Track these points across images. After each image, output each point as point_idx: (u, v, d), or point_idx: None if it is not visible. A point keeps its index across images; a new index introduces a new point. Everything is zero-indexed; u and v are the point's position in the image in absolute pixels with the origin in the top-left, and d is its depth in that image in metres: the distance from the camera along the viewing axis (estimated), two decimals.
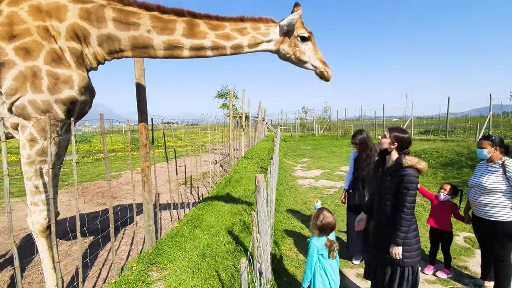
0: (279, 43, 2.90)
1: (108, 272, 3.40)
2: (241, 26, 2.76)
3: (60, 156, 2.62)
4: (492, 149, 2.55)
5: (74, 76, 2.31)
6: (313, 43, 3.02)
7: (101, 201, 6.61)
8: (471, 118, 26.02)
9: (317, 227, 2.17)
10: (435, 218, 3.15)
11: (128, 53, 2.59)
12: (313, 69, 3.07)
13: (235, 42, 2.74)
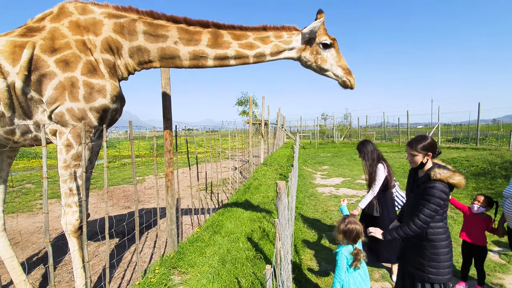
0: (301, 51, 2.89)
1: (132, 274, 3.50)
2: (264, 35, 2.79)
3: (92, 161, 2.77)
4: None
5: (107, 86, 2.46)
6: (336, 50, 2.93)
7: (126, 204, 6.87)
8: (503, 125, 24.38)
9: (340, 231, 2.12)
10: (468, 231, 2.96)
11: (156, 64, 2.72)
12: (335, 78, 2.97)
13: (258, 51, 2.77)
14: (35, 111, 2.44)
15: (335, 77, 2.97)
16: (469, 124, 22.70)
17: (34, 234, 5.04)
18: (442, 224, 2.01)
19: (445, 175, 1.90)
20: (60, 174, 2.38)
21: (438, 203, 1.90)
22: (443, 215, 2.01)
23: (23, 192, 8.23)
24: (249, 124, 9.43)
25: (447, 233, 2.04)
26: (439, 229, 2.01)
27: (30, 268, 3.74)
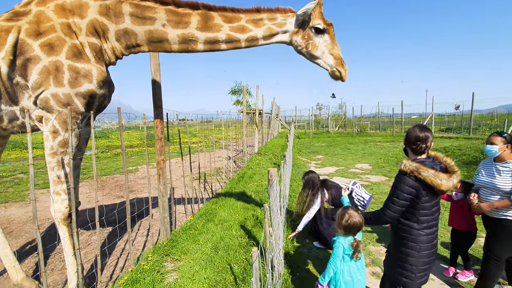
0: (293, 34, 2.73)
1: (125, 262, 3.52)
2: (257, 17, 2.66)
3: (80, 148, 2.72)
4: (504, 146, 2.41)
5: (93, 70, 2.38)
6: (331, 37, 2.71)
7: (118, 194, 6.84)
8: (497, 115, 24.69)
9: (342, 226, 2.05)
10: (454, 218, 3.03)
11: (144, 48, 2.64)
12: (325, 67, 2.77)
13: (250, 34, 2.65)
14: (21, 97, 2.37)
15: (325, 66, 2.78)
16: (463, 114, 22.93)
17: (27, 223, 5.01)
18: (415, 225, 1.87)
19: (410, 168, 1.79)
20: (47, 161, 2.33)
21: (402, 197, 1.82)
22: (417, 215, 1.85)
23: (15, 182, 8.13)
24: (243, 114, 9.37)
25: (421, 236, 1.87)
26: (410, 228, 1.89)
27: (24, 257, 3.73)
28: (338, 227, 2.08)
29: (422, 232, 1.86)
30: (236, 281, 2.82)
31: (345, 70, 2.74)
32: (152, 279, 2.81)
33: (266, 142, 16.19)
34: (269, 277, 1.67)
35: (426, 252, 1.88)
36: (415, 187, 1.78)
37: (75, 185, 2.62)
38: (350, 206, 2.09)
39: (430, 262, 1.92)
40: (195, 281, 2.81)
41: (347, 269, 2.07)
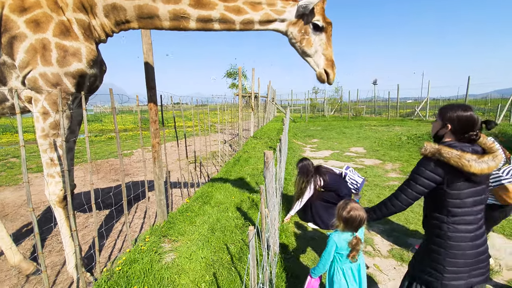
0: (290, 25, 2.58)
1: (122, 243, 3.57)
2: (255, 0, 2.51)
3: (73, 131, 2.67)
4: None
5: (82, 49, 2.29)
6: (327, 36, 2.59)
7: (114, 177, 6.83)
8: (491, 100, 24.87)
9: (342, 218, 1.83)
10: None
11: (134, 24, 2.52)
12: (314, 67, 2.65)
13: (246, 17, 2.50)
14: (9, 77, 2.28)
15: (314, 66, 2.64)
16: (457, 99, 23.04)
17: (22, 207, 5.00)
18: (444, 218, 1.57)
19: (431, 150, 1.53)
20: (39, 143, 2.28)
21: (419, 181, 1.59)
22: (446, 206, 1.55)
23: (8, 166, 8.03)
24: (238, 97, 9.24)
25: (452, 232, 1.55)
26: (439, 221, 1.59)
27: (20, 239, 3.75)
28: (337, 220, 1.88)
29: (453, 227, 1.54)
30: (233, 260, 2.89)
31: (334, 73, 2.63)
32: (150, 259, 2.86)
33: (261, 126, 16.14)
34: (265, 256, 1.70)
35: (460, 252, 1.54)
36: (437, 173, 1.53)
37: (70, 167, 2.59)
38: (351, 199, 1.90)
39: (468, 265, 1.54)
40: (192, 261, 2.87)
41: (340, 275, 1.87)
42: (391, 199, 1.74)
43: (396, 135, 11.43)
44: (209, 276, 2.63)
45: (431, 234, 1.64)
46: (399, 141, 10.27)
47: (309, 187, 3.69)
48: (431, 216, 1.64)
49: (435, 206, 1.62)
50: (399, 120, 19.98)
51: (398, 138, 10.72)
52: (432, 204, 1.63)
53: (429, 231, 1.67)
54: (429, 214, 1.67)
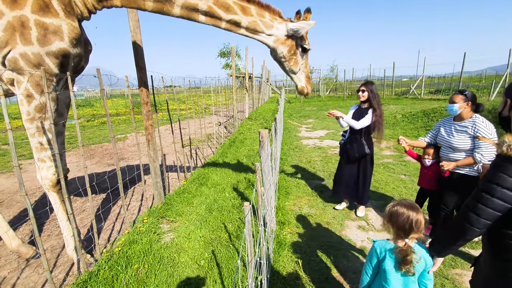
0: (280, 43, 2.67)
1: (121, 225, 3.60)
2: (245, 4, 2.47)
3: (62, 114, 2.59)
4: (464, 104, 2.43)
5: (63, 26, 2.16)
6: (306, 57, 2.93)
7: (109, 162, 6.78)
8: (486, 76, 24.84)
9: (386, 214, 1.45)
10: (425, 179, 2.98)
11: (117, 2, 2.38)
12: (296, 81, 3.00)
13: (233, 17, 2.45)
14: None
15: (297, 81, 2.99)
16: (452, 76, 22.95)
17: (17, 193, 4.97)
18: None
19: None
20: (26, 127, 2.22)
21: (499, 194, 1.13)
22: None
23: (0, 154, 7.90)
24: (232, 78, 9.05)
25: None
26: None
27: (17, 225, 3.75)
28: (386, 225, 1.47)
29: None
30: (231, 238, 2.95)
31: (310, 87, 3.07)
32: (149, 240, 2.90)
33: (256, 107, 15.99)
34: (261, 231, 1.73)
35: None
36: None
37: (61, 151, 2.55)
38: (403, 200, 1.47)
39: None
40: (191, 240, 2.93)
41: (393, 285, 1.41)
42: (458, 222, 1.28)
43: (391, 114, 11.45)
44: (208, 254, 2.69)
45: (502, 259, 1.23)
46: (394, 119, 10.30)
47: (369, 112, 3.20)
48: (505, 235, 1.21)
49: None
50: (394, 99, 19.96)
51: (393, 116, 10.74)
52: (509, 220, 1.18)
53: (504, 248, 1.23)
54: (499, 230, 1.23)
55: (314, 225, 3.29)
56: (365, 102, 3.26)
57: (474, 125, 2.38)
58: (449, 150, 2.60)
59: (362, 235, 3.13)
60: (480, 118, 2.41)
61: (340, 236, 3.08)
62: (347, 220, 3.44)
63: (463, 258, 2.65)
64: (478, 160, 2.37)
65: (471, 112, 2.47)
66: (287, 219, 3.38)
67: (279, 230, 3.06)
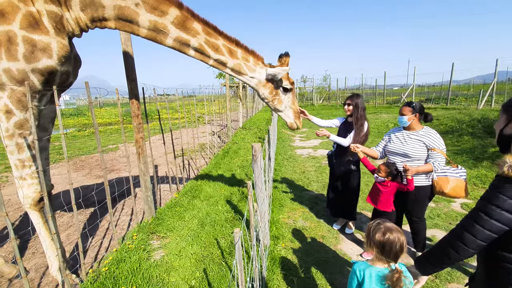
0: (261, 85, 2.83)
1: (110, 242, 3.47)
2: (233, 48, 2.64)
3: (46, 129, 2.51)
4: (412, 115, 2.55)
5: (52, 44, 2.11)
6: (292, 94, 3.00)
7: (99, 173, 6.62)
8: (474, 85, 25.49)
9: (376, 243, 1.37)
10: (378, 198, 2.70)
11: (111, 24, 2.36)
12: (285, 118, 3.07)
13: (221, 57, 2.61)
14: None
15: (285, 118, 3.06)
16: (442, 85, 23.48)
17: None
18: None
19: None
20: (5, 144, 2.12)
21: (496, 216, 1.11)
22: None
23: None
24: (225, 87, 9.05)
25: None
26: None
27: (1, 242, 3.59)
28: (368, 243, 1.42)
29: None
30: (223, 254, 2.85)
31: (300, 122, 3.10)
32: (138, 258, 2.79)
33: (251, 116, 16.01)
34: (254, 253, 1.66)
35: None
36: None
37: (45, 167, 2.45)
38: (385, 219, 1.47)
39: None
40: (182, 257, 2.82)
41: None
42: (451, 242, 1.24)
43: (383, 123, 11.58)
44: (199, 273, 2.59)
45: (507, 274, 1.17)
46: (386, 128, 10.41)
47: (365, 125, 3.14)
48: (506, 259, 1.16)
49: None
50: (386, 107, 20.25)
51: (385, 125, 10.86)
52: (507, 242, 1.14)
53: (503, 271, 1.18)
54: (496, 252, 1.19)
55: (309, 240, 3.22)
56: (351, 116, 3.24)
57: (429, 137, 2.53)
58: (403, 158, 2.65)
59: (357, 249, 3.08)
60: (432, 131, 2.59)
61: (335, 250, 3.01)
62: (342, 234, 3.38)
63: (459, 270, 2.61)
64: (436, 168, 2.49)
65: (419, 123, 2.64)
66: (282, 233, 3.31)
67: (273, 245, 2.98)
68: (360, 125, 3.12)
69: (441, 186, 2.48)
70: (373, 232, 1.39)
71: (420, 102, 2.61)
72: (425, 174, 2.59)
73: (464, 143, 6.93)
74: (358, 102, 3.16)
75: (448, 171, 2.50)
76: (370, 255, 1.57)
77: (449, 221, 3.58)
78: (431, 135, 2.54)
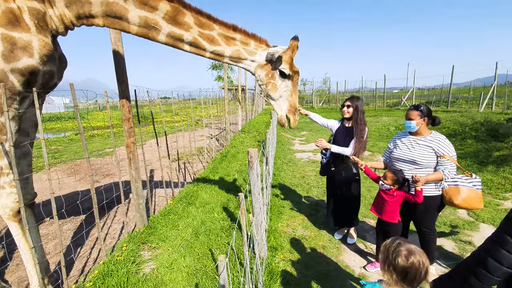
0: (259, 68, 2.62)
1: (99, 252, 3.29)
2: (230, 35, 2.45)
3: (28, 133, 2.35)
4: (420, 120, 2.37)
5: (34, 42, 1.96)
6: (293, 84, 2.67)
7: (94, 178, 6.45)
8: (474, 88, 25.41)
9: (397, 270, 1.19)
10: (383, 208, 2.51)
11: (99, 21, 2.22)
12: (277, 110, 2.75)
13: (217, 48, 2.45)
14: None
15: (277, 109, 2.75)
16: (442, 88, 23.39)
17: None
18: None
19: None
20: None
21: None
22: None
23: None
24: (224, 90, 8.92)
25: None
26: None
27: None
28: (385, 269, 1.24)
29: None
30: (218, 268, 2.67)
31: (295, 119, 2.75)
32: (126, 271, 2.61)
33: (250, 119, 15.86)
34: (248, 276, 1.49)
35: None
36: None
37: (27, 174, 2.29)
38: (402, 238, 1.30)
39: None
40: (173, 270, 2.65)
41: None
42: (474, 268, 1.11)
43: (384, 126, 11.44)
44: None
45: None
46: (387, 131, 10.26)
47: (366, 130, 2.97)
48: None
49: None
50: (386, 110, 20.14)
51: (386, 128, 10.72)
52: None
53: None
54: None
55: (309, 250, 3.05)
56: (350, 119, 3.05)
57: (438, 143, 2.34)
58: (411, 165, 2.44)
59: (360, 260, 2.90)
60: (442, 136, 2.39)
61: (337, 262, 2.84)
62: (344, 244, 3.21)
63: None
64: (446, 176, 2.29)
65: (427, 127, 2.45)
66: (280, 243, 3.13)
67: (271, 257, 2.80)
68: (361, 130, 2.95)
69: (451, 196, 2.30)
70: (393, 255, 1.20)
71: (426, 105, 2.43)
72: (435, 183, 2.40)
73: (467, 147, 6.77)
74: (358, 104, 2.99)
75: (460, 180, 2.31)
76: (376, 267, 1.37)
77: (456, 230, 3.41)
78: (441, 141, 2.36)
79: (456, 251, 2.98)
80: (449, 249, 3.02)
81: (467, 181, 2.30)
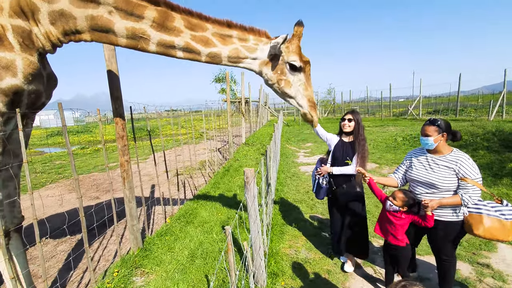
0: (263, 65, 2.41)
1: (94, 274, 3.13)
2: (226, 33, 2.28)
3: (17, 155, 2.26)
4: (438, 136, 2.09)
5: (17, 61, 1.90)
6: (306, 76, 2.47)
7: (95, 194, 6.36)
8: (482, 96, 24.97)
9: None
10: (387, 230, 2.30)
11: (86, 36, 2.16)
12: (298, 108, 2.60)
13: (213, 50, 2.27)
14: None
15: (298, 107, 2.60)
16: (449, 96, 23.03)
17: None
18: None
19: None
20: None
21: None
22: None
23: None
24: (227, 103, 8.88)
25: None
26: None
27: None
28: None
29: None
30: None
31: (316, 115, 2.61)
32: None
33: (254, 131, 15.78)
34: None
35: None
36: None
37: (14, 197, 2.18)
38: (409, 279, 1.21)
39: None
40: None
41: None
42: None
43: (391, 136, 11.17)
44: None
45: None
46: (394, 142, 10.00)
47: None
48: None
49: None
50: (392, 120, 19.84)
51: (394, 139, 10.45)
52: None
53: None
54: None
55: (313, 276, 2.82)
56: (349, 134, 2.87)
57: (461, 164, 2.04)
58: (428, 188, 2.18)
59: (369, 287, 2.67)
60: (465, 155, 2.08)
61: None
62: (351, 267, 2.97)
63: None
64: (466, 201, 2.01)
65: (446, 144, 2.16)
66: (281, 268, 2.92)
67: (271, 285, 2.59)
68: (363, 146, 2.76)
69: (471, 225, 2.00)
70: None
71: (444, 120, 2.16)
72: (452, 208, 2.11)
73: (480, 158, 6.47)
74: (359, 119, 2.82)
75: (484, 208, 2.00)
76: None
77: (472, 251, 3.14)
78: (464, 161, 2.04)
79: (473, 276, 2.72)
80: (465, 274, 2.75)
81: (494, 208, 2.00)
